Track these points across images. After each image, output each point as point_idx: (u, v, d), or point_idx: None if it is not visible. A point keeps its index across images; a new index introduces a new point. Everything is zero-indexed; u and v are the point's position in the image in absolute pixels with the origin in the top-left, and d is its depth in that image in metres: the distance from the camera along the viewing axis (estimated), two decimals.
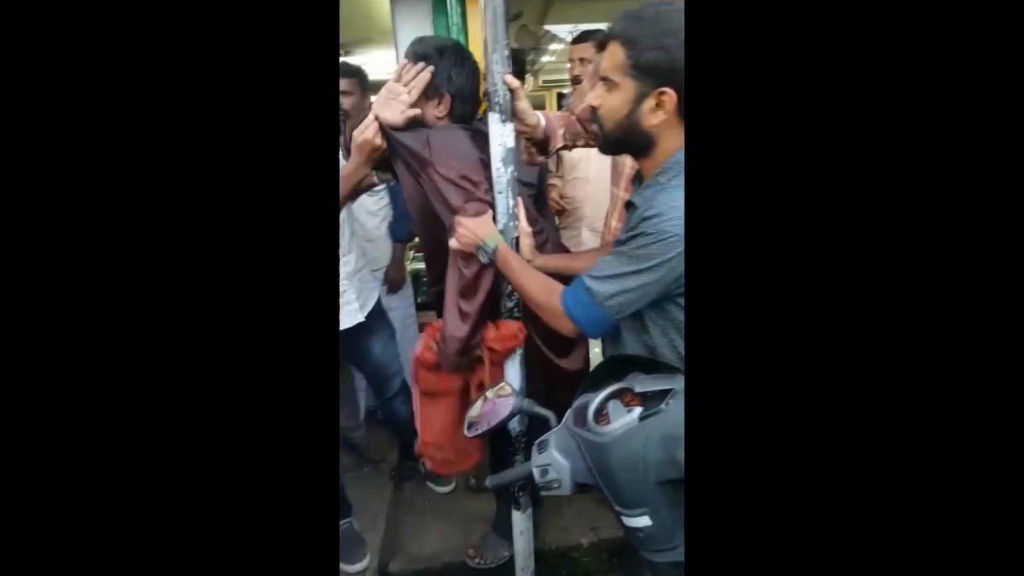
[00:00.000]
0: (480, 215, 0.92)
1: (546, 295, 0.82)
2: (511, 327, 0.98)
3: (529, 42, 3.86)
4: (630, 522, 0.61)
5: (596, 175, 1.65)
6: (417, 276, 2.08)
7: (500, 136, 0.91)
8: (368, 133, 0.93)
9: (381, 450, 1.86)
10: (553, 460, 0.69)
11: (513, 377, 1.02)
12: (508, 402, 0.88)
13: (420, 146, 0.93)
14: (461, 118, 1.01)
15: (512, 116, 0.92)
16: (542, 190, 1.64)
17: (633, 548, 0.65)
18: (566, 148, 1.06)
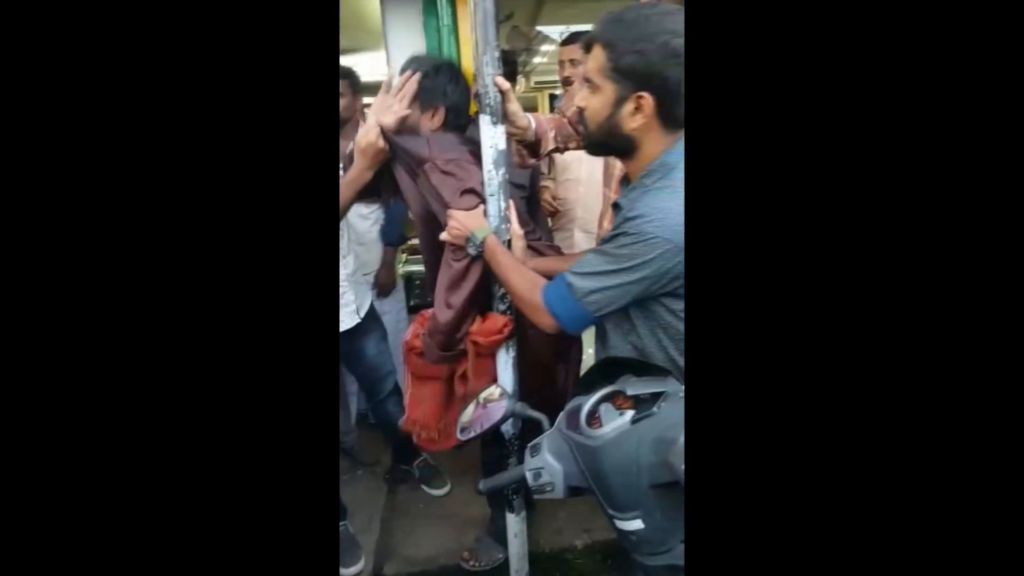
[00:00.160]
0: (472, 208, 0.93)
1: (529, 289, 0.82)
2: (497, 321, 0.99)
3: (520, 43, 3.86)
4: (623, 525, 0.61)
5: (588, 177, 1.65)
6: (409, 279, 2.07)
7: (491, 138, 0.91)
8: (371, 136, 0.97)
9: (374, 453, 1.85)
10: (546, 463, 0.69)
11: (506, 380, 1.02)
12: (501, 406, 0.88)
13: (420, 147, 0.98)
14: (455, 129, 1.07)
15: (503, 118, 0.92)
16: (534, 192, 1.64)
17: (626, 550, 0.65)
18: (558, 151, 1.06)
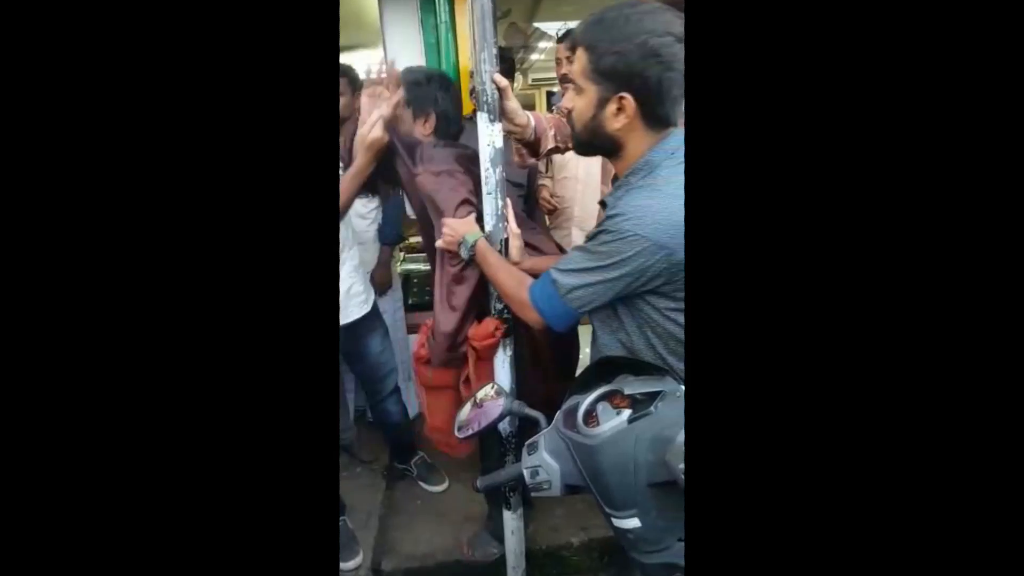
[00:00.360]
0: (464, 216, 0.95)
1: (516, 287, 0.85)
2: (489, 325, 1.00)
3: (518, 40, 3.85)
4: (620, 524, 0.62)
5: (586, 175, 1.65)
6: (407, 277, 2.07)
7: (488, 136, 0.90)
8: (376, 131, 0.99)
9: (373, 451, 1.85)
10: (543, 462, 0.69)
11: (503, 379, 1.02)
12: (498, 404, 0.88)
13: (414, 153, 1.01)
14: (447, 135, 1.10)
15: (501, 116, 0.91)
16: (532, 190, 1.64)
17: (623, 548, 0.65)
18: (557, 150, 1.05)
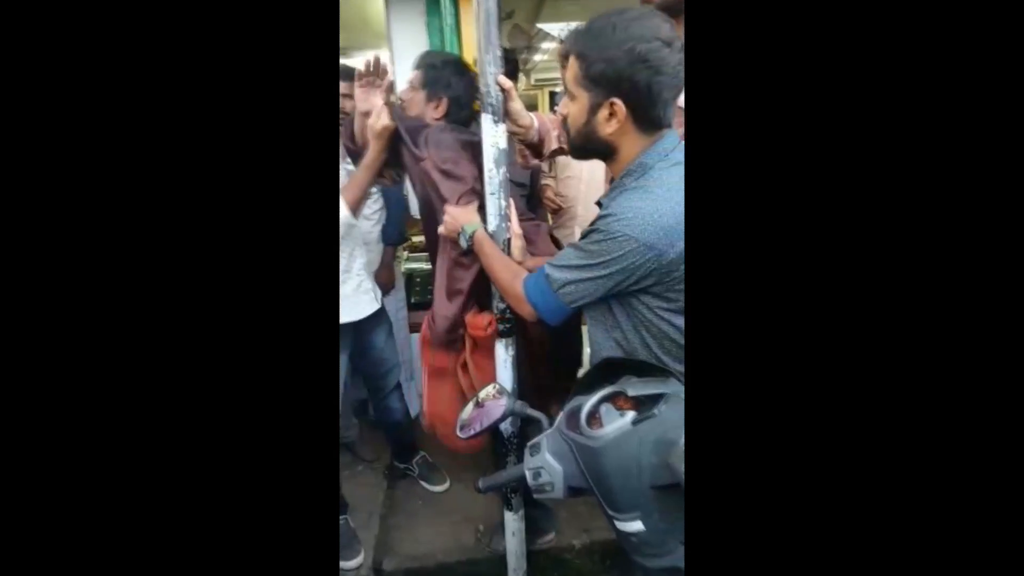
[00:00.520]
0: (466, 205, 0.97)
1: (511, 280, 0.86)
2: (484, 318, 1.02)
3: (521, 41, 3.85)
4: (623, 527, 0.61)
5: (589, 174, 1.65)
6: (410, 277, 2.07)
7: (493, 137, 0.90)
8: (384, 119, 1.02)
9: (375, 449, 1.85)
10: (546, 463, 0.69)
11: (505, 378, 1.02)
12: (500, 404, 0.88)
13: (420, 140, 1.03)
14: (456, 122, 1.10)
15: (505, 117, 0.92)
16: (535, 190, 1.64)
17: (626, 551, 0.65)
18: (561, 151, 1.06)
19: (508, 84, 0.89)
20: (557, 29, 4.28)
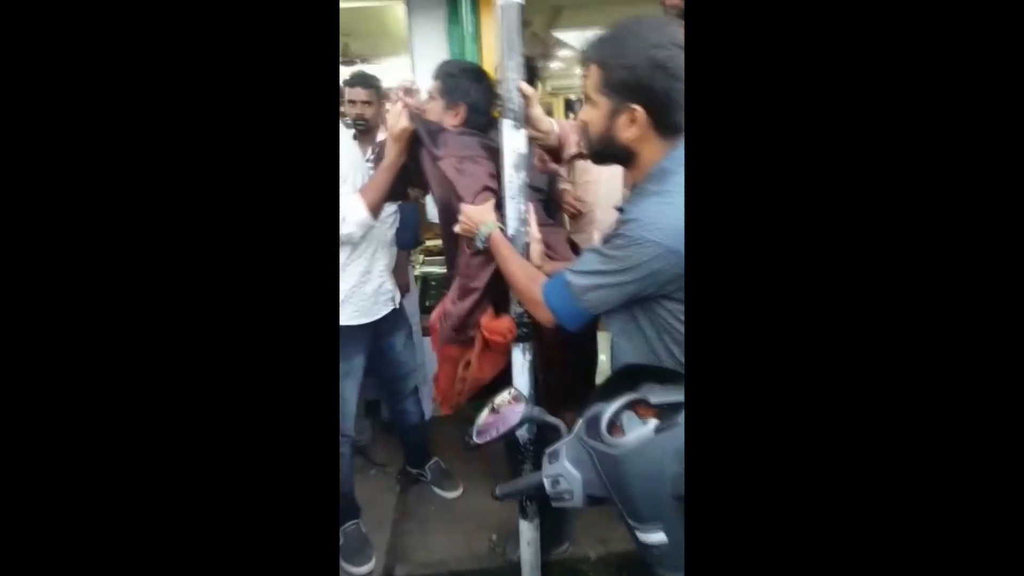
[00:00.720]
0: (482, 203, 0.96)
1: (529, 283, 0.86)
2: (505, 323, 1.01)
3: (539, 49, 3.88)
4: (645, 538, 0.60)
5: (608, 179, 1.64)
6: (425, 280, 2.08)
7: (513, 142, 0.90)
8: (403, 121, 1.05)
9: (387, 454, 1.85)
10: (565, 471, 0.68)
11: (522, 383, 1.01)
12: (516, 410, 0.87)
13: (438, 140, 1.04)
14: (475, 127, 1.11)
15: (525, 122, 0.92)
16: (553, 195, 1.63)
17: (642, 563, 0.64)
18: (580, 156, 1.06)
19: (529, 90, 0.90)
20: (573, 37, 4.30)
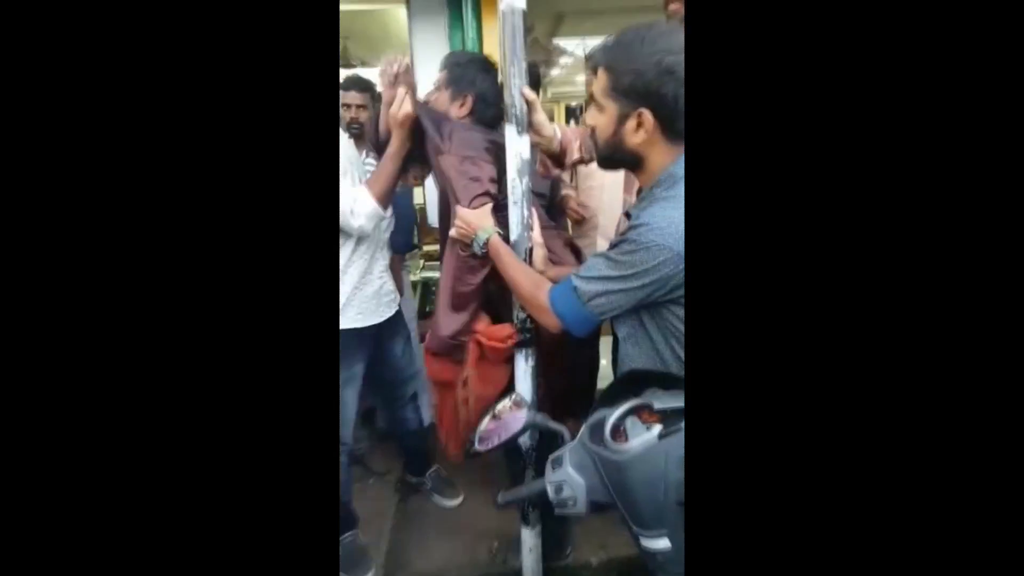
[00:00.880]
0: (479, 207, 0.95)
1: (533, 289, 0.85)
2: (505, 329, 0.99)
3: (540, 56, 3.90)
4: (649, 544, 0.59)
5: (610, 184, 1.64)
6: (425, 285, 2.07)
7: (516, 147, 0.91)
8: (406, 106, 1.00)
9: (386, 462, 1.84)
10: (568, 477, 0.67)
11: (524, 389, 1.01)
12: (519, 417, 0.86)
13: (443, 132, 1.01)
14: (481, 120, 1.08)
15: (528, 128, 0.92)
16: (554, 200, 1.64)
17: (643, 569, 0.63)
18: (582, 162, 1.06)
19: (533, 96, 0.90)
20: (574, 44, 4.33)
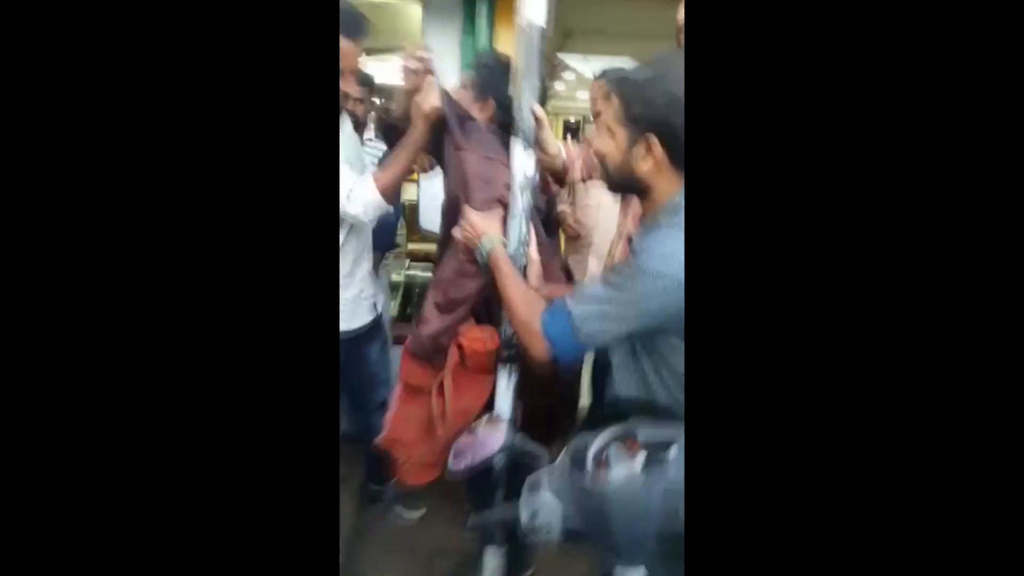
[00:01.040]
0: (489, 212, 0.93)
1: (527, 309, 0.82)
2: (486, 330, 0.97)
3: (547, 71, 3.94)
4: (625, 575, 0.59)
5: (607, 204, 1.66)
6: (408, 286, 2.03)
7: (522, 162, 0.90)
8: (434, 99, 0.97)
9: (347, 466, 1.77)
10: (545, 503, 0.66)
11: (503, 405, 0.99)
12: (496, 433, 0.85)
13: (466, 129, 1.00)
14: (502, 126, 1.06)
15: (535, 144, 0.92)
16: (551, 216, 1.64)
17: None
18: (582, 180, 1.06)
19: (542, 113, 0.90)
20: (576, 60, 4.40)
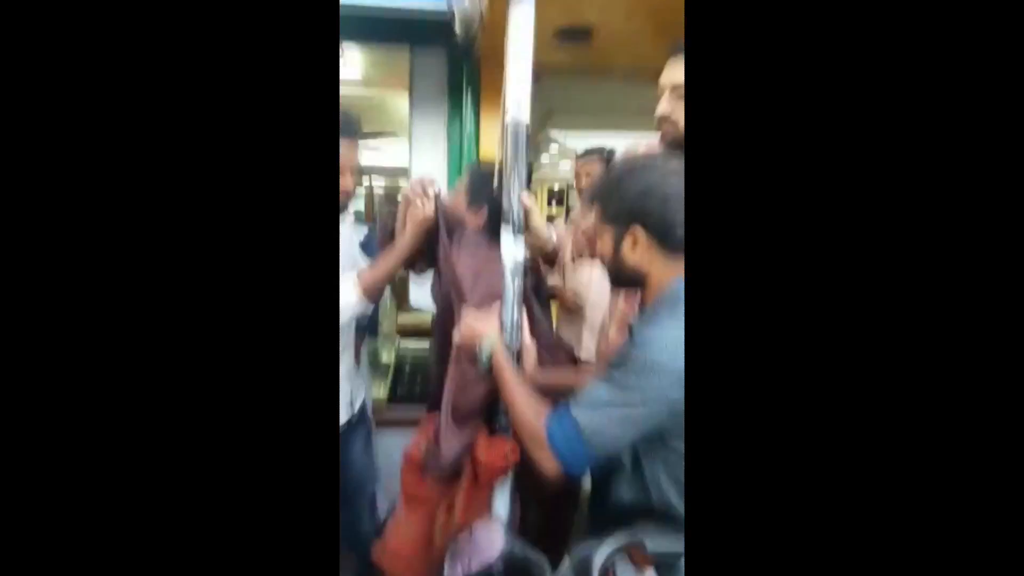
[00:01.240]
0: (487, 307, 0.90)
1: (533, 417, 0.76)
2: (503, 446, 0.89)
3: (531, 149, 4.12)
4: None
5: (598, 279, 1.67)
6: (400, 365, 1.97)
7: (511, 249, 0.91)
8: (428, 210, 1.02)
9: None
10: None
11: (501, 508, 0.92)
12: (494, 537, 0.79)
13: (455, 236, 1.03)
14: (495, 231, 1.07)
15: (525, 231, 0.93)
16: (541, 291, 1.64)
17: None
18: (572, 260, 1.07)
19: (530, 203, 0.92)
20: (562, 136, 4.62)
